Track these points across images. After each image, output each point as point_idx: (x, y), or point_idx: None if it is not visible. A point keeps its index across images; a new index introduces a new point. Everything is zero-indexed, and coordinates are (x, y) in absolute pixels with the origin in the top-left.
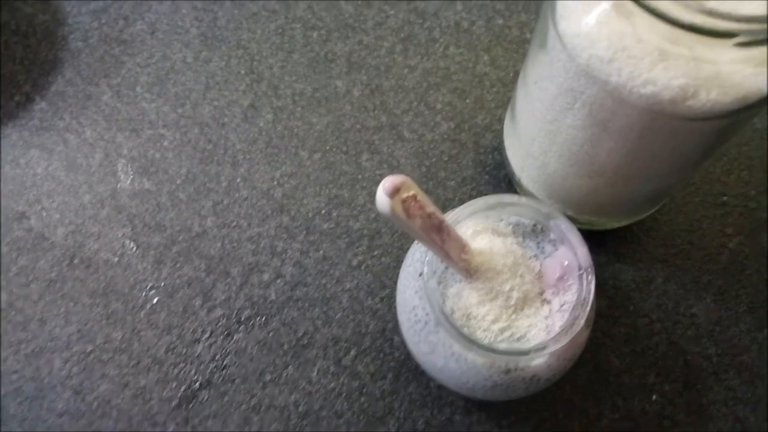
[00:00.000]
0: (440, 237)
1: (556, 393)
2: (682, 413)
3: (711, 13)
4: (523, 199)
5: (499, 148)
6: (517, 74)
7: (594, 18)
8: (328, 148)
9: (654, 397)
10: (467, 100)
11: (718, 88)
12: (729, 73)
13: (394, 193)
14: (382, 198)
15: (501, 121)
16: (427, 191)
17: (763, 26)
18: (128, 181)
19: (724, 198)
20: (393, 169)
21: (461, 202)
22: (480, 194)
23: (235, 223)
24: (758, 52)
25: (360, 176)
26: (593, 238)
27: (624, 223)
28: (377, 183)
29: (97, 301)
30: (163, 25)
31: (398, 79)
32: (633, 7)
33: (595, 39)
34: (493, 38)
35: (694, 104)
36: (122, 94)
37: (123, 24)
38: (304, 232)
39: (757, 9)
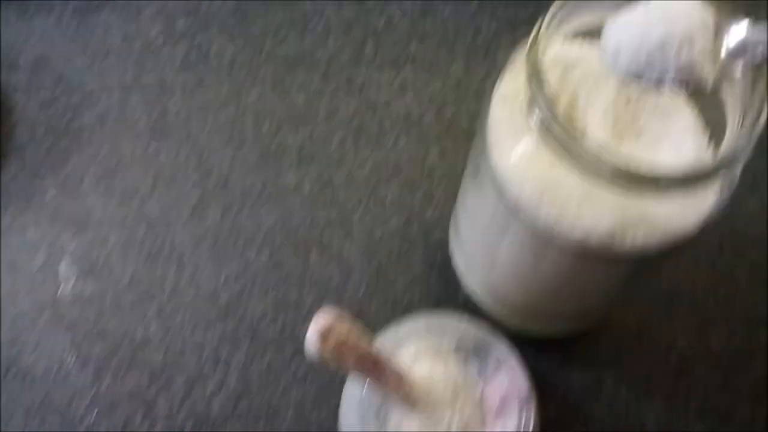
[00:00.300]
0: (376, 372)
1: None
2: None
3: (633, 164)
4: (464, 324)
5: (447, 245)
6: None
7: (522, 154)
8: (275, 246)
9: None
10: (417, 194)
11: (645, 229)
12: (655, 214)
13: (324, 336)
14: (311, 348)
15: (449, 216)
16: (375, 291)
17: (681, 177)
18: (70, 285)
19: (672, 294)
20: (342, 268)
21: (410, 303)
22: (429, 295)
23: (179, 329)
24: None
25: (308, 277)
26: (544, 341)
27: (575, 330)
28: (325, 284)
29: (32, 418)
30: (112, 117)
31: (349, 172)
32: (558, 147)
33: (523, 177)
34: (443, 129)
35: (621, 247)
36: (68, 190)
37: (71, 115)
38: (249, 338)
39: (674, 156)
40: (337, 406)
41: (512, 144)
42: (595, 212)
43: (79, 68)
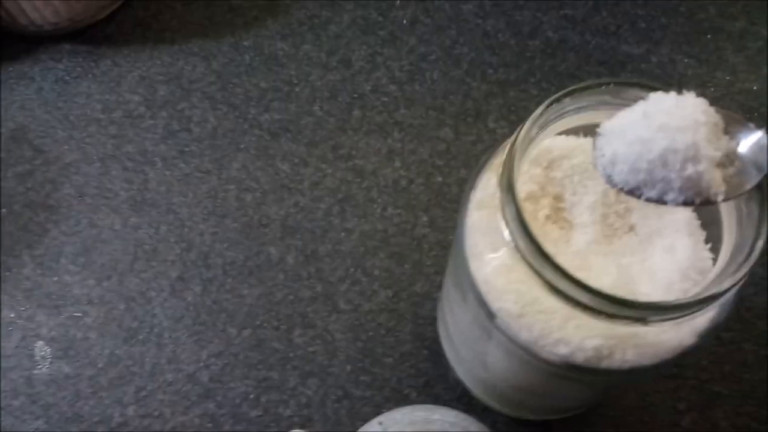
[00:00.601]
0: None
1: None
2: None
3: (618, 302)
4: (451, 416)
5: (436, 320)
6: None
7: (500, 265)
8: (258, 323)
9: None
10: (405, 266)
11: (634, 347)
12: (647, 332)
13: None
14: None
15: (439, 287)
16: (363, 370)
17: (671, 314)
18: (46, 366)
19: (675, 369)
20: (327, 346)
21: (399, 381)
22: (419, 373)
23: (158, 411)
24: None
25: (291, 354)
26: (539, 423)
27: (567, 415)
28: (309, 363)
29: None
30: (91, 189)
31: (335, 244)
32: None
33: (503, 291)
34: (432, 197)
35: (610, 364)
36: (45, 266)
37: (50, 188)
38: (231, 420)
39: (667, 259)
40: None
41: (490, 253)
42: (581, 330)
43: (58, 139)
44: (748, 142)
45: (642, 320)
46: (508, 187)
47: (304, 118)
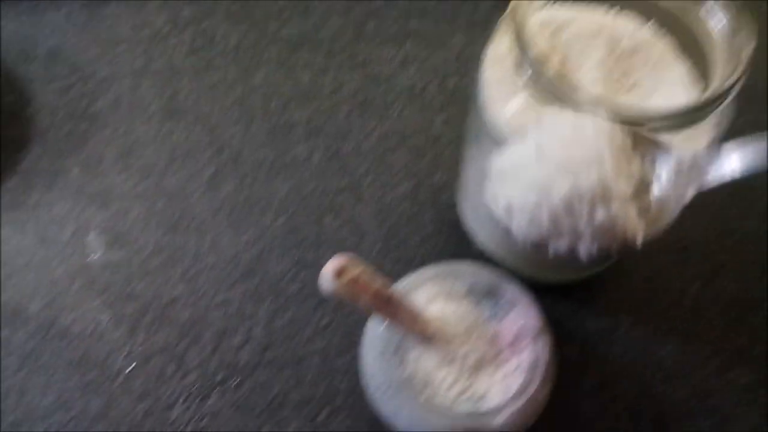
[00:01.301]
0: (391, 309)
1: None
2: None
3: (614, 110)
4: (473, 267)
5: (456, 205)
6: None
7: (515, 111)
8: (291, 212)
9: None
10: (424, 160)
11: None
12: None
13: (339, 274)
14: (326, 283)
15: (457, 178)
16: (389, 250)
17: (663, 123)
18: (99, 254)
19: (684, 244)
20: (355, 230)
21: (423, 259)
22: (442, 251)
23: (203, 290)
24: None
25: (324, 237)
26: (558, 288)
27: (586, 276)
28: (340, 245)
29: (73, 371)
30: (125, 101)
31: (356, 143)
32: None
33: (517, 131)
34: (447, 99)
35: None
36: (90, 169)
37: (87, 101)
38: (272, 295)
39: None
40: (360, 351)
41: (505, 102)
42: None
43: (91, 57)
44: (663, 162)
45: (655, 130)
46: (519, 29)
47: (321, 31)
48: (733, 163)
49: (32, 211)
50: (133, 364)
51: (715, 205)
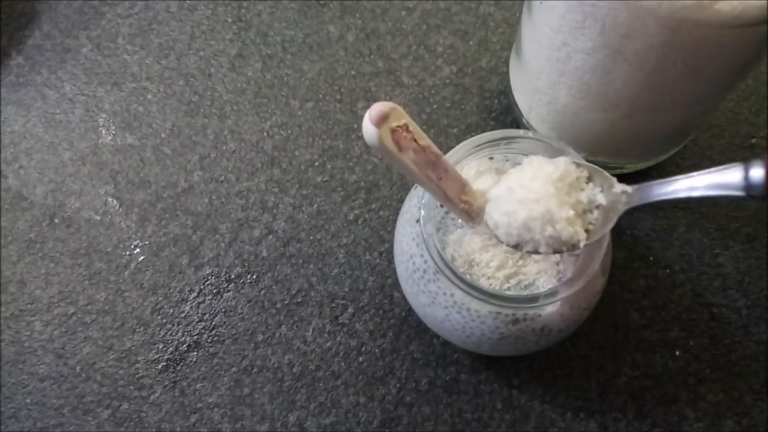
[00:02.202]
0: (436, 174)
1: (571, 349)
2: (709, 369)
3: None
4: (530, 133)
5: (505, 92)
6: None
7: None
8: (320, 96)
9: (677, 352)
10: (470, 43)
11: None
12: None
13: (382, 121)
14: (368, 127)
15: (507, 63)
16: (430, 138)
17: None
18: (110, 137)
19: (753, 140)
20: None
21: None
22: None
23: (223, 177)
24: None
25: (355, 125)
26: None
27: (642, 165)
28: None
29: (78, 262)
30: None
31: (395, 22)
32: None
33: None
34: None
35: (723, 7)
36: (103, 47)
37: None
38: (297, 185)
39: None
40: (389, 249)
41: None
42: None
43: None
44: (607, 191)
45: None
46: None
47: None
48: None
49: (39, 90)
50: (142, 254)
51: None
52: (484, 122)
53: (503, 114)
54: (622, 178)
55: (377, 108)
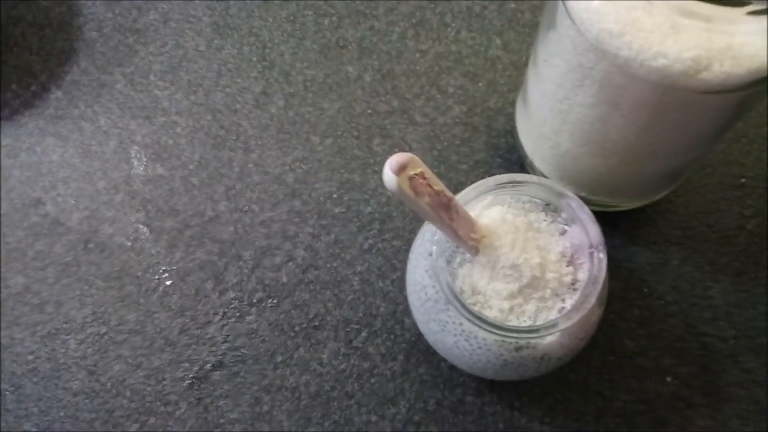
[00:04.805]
0: (449, 215)
1: (570, 374)
2: (698, 395)
3: None
4: (534, 178)
5: (511, 132)
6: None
7: None
8: (339, 133)
9: (669, 379)
10: (479, 84)
11: (731, 59)
12: (743, 44)
13: (401, 170)
14: (388, 175)
15: (513, 104)
16: (438, 175)
17: None
18: (142, 167)
19: (743, 180)
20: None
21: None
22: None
23: (247, 207)
24: None
25: (371, 160)
26: (607, 219)
27: (639, 204)
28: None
29: (111, 284)
30: (175, 15)
31: (410, 64)
32: None
33: (605, 13)
34: (506, 22)
35: (706, 77)
36: (136, 83)
37: (136, 14)
38: (316, 216)
39: None
40: (401, 276)
41: None
42: (679, 42)
43: None
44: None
45: (744, 4)
46: None
47: None
48: None
49: (77, 123)
50: (171, 279)
51: None
52: (492, 159)
53: (509, 152)
54: (619, 216)
55: (396, 159)
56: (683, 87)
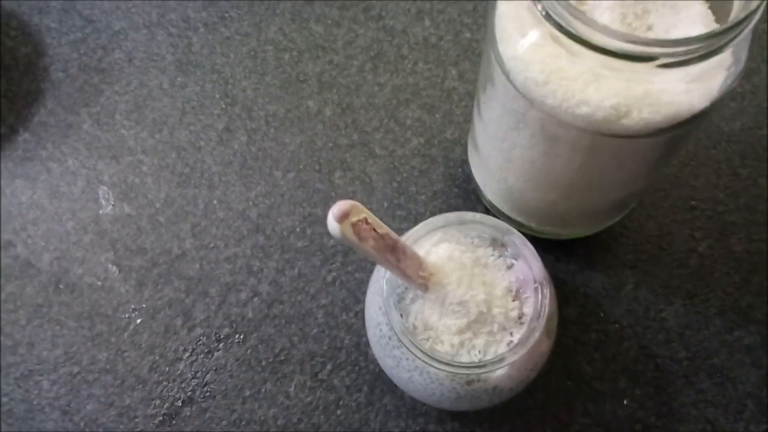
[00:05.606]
0: (395, 257)
1: (528, 400)
2: (653, 417)
3: (628, 39)
4: (479, 216)
5: (467, 162)
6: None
7: (529, 41)
8: (301, 167)
9: (625, 401)
10: (436, 116)
11: (649, 106)
12: (660, 92)
13: (344, 217)
14: (332, 223)
15: (468, 134)
16: (398, 206)
17: (679, 49)
18: (109, 207)
19: (693, 202)
20: (365, 186)
21: (432, 215)
22: (450, 207)
23: (212, 244)
24: (691, 69)
25: (333, 193)
26: (563, 245)
27: (591, 231)
28: (351, 199)
29: (82, 324)
30: (139, 53)
31: (368, 97)
32: (559, 34)
33: (530, 61)
34: (461, 52)
35: (627, 123)
36: (102, 122)
37: (101, 53)
38: (279, 250)
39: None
40: (363, 309)
41: (518, 37)
42: (600, 92)
43: (105, 10)
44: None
45: (653, 59)
46: None
47: None
48: None
49: (45, 164)
50: (140, 317)
51: (726, 163)
52: (449, 189)
53: (466, 182)
54: (575, 242)
55: (339, 207)
56: (608, 132)
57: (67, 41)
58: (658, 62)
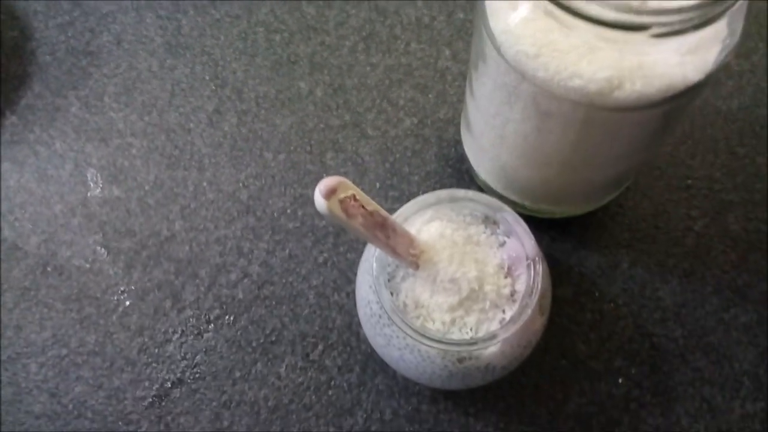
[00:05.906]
0: (384, 234)
1: (522, 379)
2: (649, 395)
3: (620, 8)
4: (471, 193)
5: (460, 142)
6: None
7: (520, 15)
8: (292, 148)
9: (620, 380)
10: (429, 96)
11: (642, 78)
12: (653, 64)
13: (330, 193)
14: (319, 200)
15: (462, 111)
16: (391, 186)
17: (672, 18)
18: (98, 190)
19: (689, 181)
20: (357, 167)
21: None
22: (443, 188)
23: (202, 226)
24: (685, 40)
25: (325, 174)
26: (558, 224)
27: (585, 210)
28: None
29: (70, 307)
30: (128, 36)
31: (360, 78)
32: (552, 6)
33: (521, 35)
34: (455, 32)
35: (620, 95)
36: (90, 105)
37: (89, 36)
38: (270, 231)
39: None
40: (355, 289)
41: (509, 11)
42: (593, 65)
43: None
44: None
45: (646, 28)
46: None
47: None
48: None
49: (32, 147)
50: (129, 299)
51: (723, 142)
52: (442, 170)
53: (459, 162)
54: (569, 221)
55: (325, 183)
56: (600, 105)
57: (55, 24)
58: (651, 32)
